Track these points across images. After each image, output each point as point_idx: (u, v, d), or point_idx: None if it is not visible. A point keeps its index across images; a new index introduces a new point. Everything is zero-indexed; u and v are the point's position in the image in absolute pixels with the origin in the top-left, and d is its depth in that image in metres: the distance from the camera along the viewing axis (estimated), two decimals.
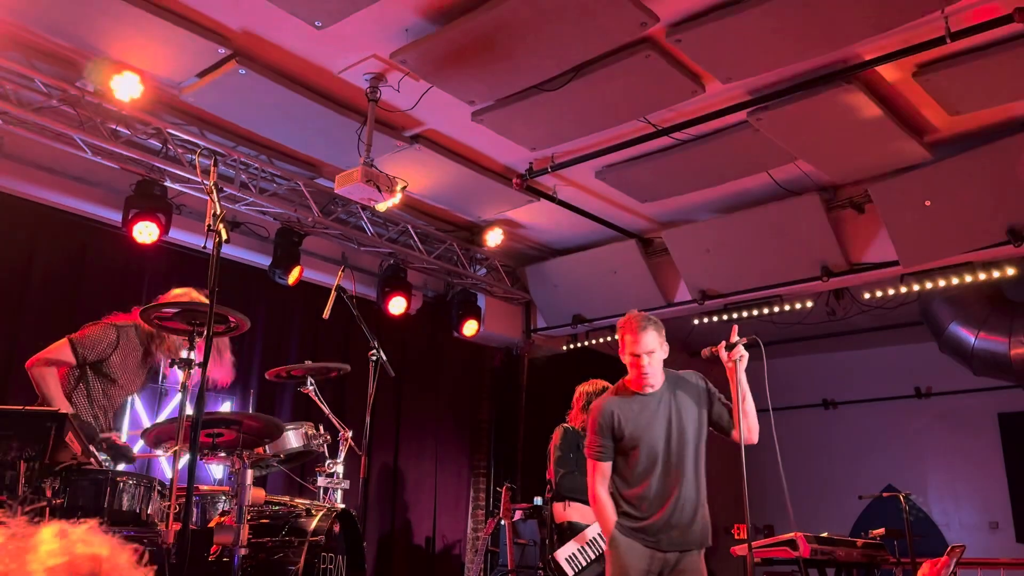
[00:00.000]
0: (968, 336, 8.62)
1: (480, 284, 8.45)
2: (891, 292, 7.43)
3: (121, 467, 4.26)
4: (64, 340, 4.19)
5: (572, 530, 5.12)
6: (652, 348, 3.72)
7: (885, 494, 7.39)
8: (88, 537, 1.36)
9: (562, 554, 5.00)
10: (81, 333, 4.25)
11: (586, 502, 5.06)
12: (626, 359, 3.78)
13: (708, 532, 3.85)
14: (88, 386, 4.23)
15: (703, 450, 3.84)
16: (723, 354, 3.76)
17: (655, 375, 3.76)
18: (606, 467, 3.78)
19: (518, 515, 6.82)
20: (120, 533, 3.21)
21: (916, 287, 7.15)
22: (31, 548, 1.31)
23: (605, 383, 5.40)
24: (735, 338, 3.76)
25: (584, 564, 4.99)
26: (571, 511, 5.18)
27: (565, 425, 5.50)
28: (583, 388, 5.50)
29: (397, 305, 7.60)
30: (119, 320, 4.36)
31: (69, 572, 1.30)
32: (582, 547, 5.03)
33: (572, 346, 9.15)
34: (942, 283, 7.00)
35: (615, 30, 4.69)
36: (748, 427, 3.75)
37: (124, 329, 4.31)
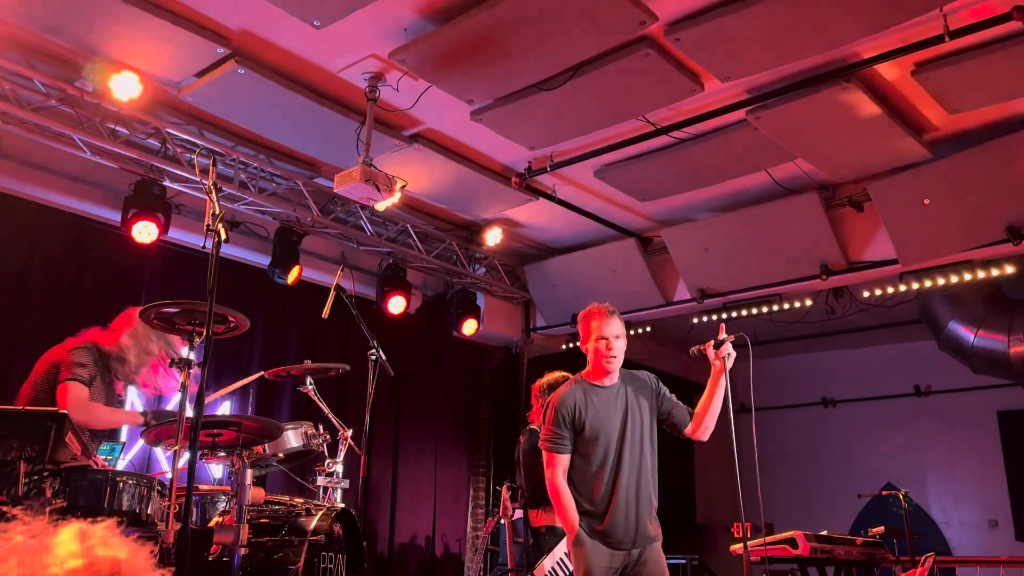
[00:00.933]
0: (967, 334, 8.63)
1: (479, 283, 8.46)
2: (890, 290, 7.44)
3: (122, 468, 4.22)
4: (65, 385, 3.99)
5: (551, 534, 5.05)
6: (619, 333, 3.77)
7: (884, 492, 7.40)
8: (108, 539, 1.37)
9: (547, 565, 4.92)
10: (68, 364, 4.05)
11: None
12: (592, 345, 3.78)
13: (659, 526, 3.83)
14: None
15: (655, 446, 3.84)
16: (710, 352, 3.75)
17: (618, 362, 3.78)
18: (565, 459, 3.72)
19: (518, 514, 6.78)
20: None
21: (915, 285, 7.16)
22: (50, 548, 1.31)
23: (563, 373, 5.07)
24: (722, 335, 3.76)
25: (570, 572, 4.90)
26: (546, 515, 5.10)
27: (532, 427, 5.24)
28: (541, 382, 5.19)
29: (396, 304, 7.60)
30: (80, 342, 4.19)
31: (89, 574, 1.30)
32: (565, 555, 4.93)
33: (571, 345, 9.15)
34: (941, 281, 7.01)
35: (614, 29, 4.69)
36: (709, 425, 3.82)
37: (89, 349, 4.17)
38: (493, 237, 7.71)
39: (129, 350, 4.26)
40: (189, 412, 3.34)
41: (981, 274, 6.81)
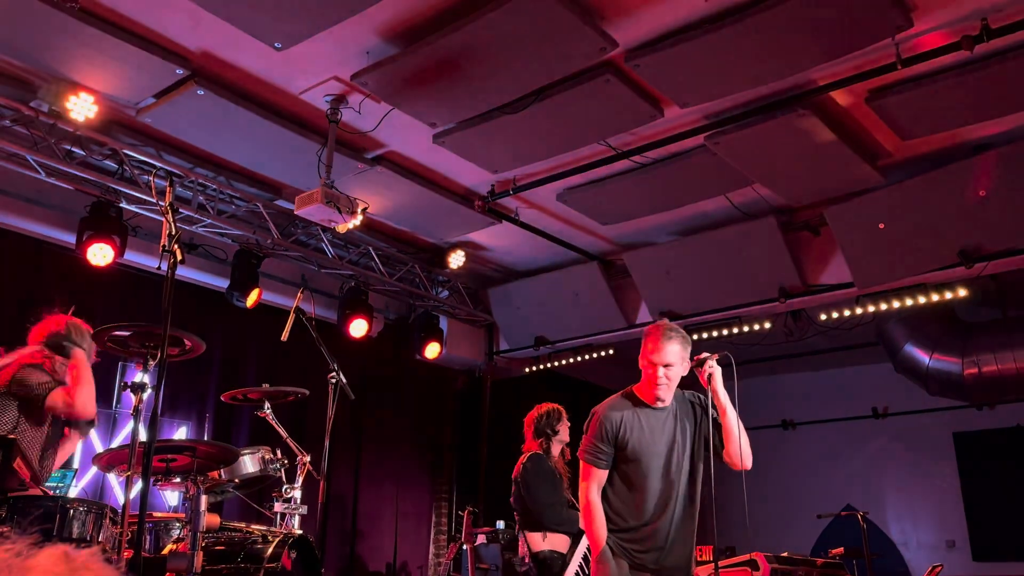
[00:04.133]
0: (922, 357, 8.78)
1: (442, 306, 8.43)
2: (847, 313, 7.54)
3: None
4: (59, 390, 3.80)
5: (553, 559, 4.97)
6: (671, 361, 3.52)
7: (844, 513, 7.47)
8: (91, 564, 1.35)
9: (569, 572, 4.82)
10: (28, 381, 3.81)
11: (569, 534, 4.95)
12: (643, 366, 3.60)
13: (693, 560, 3.70)
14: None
15: (700, 474, 3.68)
16: (696, 371, 3.67)
17: (668, 390, 3.59)
18: (603, 474, 3.59)
19: (480, 539, 6.76)
20: None
21: (871, 308, 7.27)
22: (33, 568, 1.29)
23: (555, 405, 5.27)
24: (701, 355, 3.72)
25: None
26: (550, 540, 5.02)
27: (537, 451, 5.18)
28: (535, 414, 5.26)
29: (358, 327, 7.55)
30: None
31: None
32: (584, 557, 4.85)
33: (534, 368, 9.14)
34: (896, 304, 7.12)
35: (575, 55, 4.74)
36: (737, 450, 3.58)
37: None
38: (456, 260, 7.70)
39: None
40: (143, 436, 3.27)
41: (935, 297, 6.93)
